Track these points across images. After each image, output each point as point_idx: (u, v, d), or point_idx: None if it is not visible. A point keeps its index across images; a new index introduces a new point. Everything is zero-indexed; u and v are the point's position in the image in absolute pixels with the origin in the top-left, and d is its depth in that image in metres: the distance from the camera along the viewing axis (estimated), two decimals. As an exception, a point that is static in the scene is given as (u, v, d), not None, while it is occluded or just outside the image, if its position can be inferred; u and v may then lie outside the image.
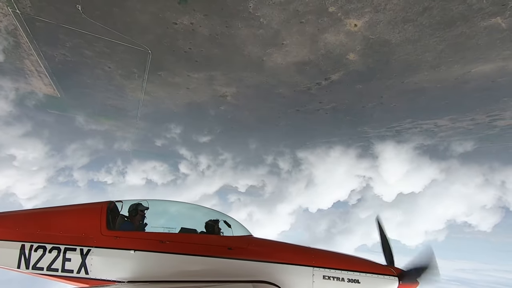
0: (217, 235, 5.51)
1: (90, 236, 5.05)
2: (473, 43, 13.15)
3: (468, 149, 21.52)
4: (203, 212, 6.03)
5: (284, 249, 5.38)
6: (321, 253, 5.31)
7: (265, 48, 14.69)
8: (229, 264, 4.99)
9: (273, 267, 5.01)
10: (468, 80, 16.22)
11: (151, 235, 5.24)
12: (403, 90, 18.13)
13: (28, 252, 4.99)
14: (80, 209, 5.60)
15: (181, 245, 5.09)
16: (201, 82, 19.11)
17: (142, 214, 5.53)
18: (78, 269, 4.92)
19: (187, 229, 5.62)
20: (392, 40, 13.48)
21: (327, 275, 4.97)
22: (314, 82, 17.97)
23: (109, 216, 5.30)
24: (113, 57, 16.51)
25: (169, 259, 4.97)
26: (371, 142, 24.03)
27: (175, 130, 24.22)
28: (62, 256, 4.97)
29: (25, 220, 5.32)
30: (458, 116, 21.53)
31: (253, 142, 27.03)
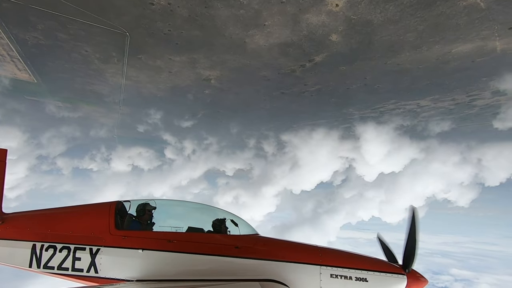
0: (224, 234, 5.59)
1: (99, 235, 5.17)
2: (453, 23, 13.21)
3: (445, 128, 22.12)
4: (210, 211, 6.12)
5: (291, 248, 5.43)
6: (329, 252, 5.36)
7: (247, 29, 14.36)
8: (236, 263, 5.06)
9: (280, 266, 5.06)
10: (448, 60, 16.42)
11: (159, 235, 5.33)
12: (386, 71, 18.23)
13: (39, 252, 5.11)
14: (89, 209, 5.70)
15: (189, 244, 5.17)
16: (184, 66, 18.68)
17: (149, 214, 5.64)
18: (88, 268, 5.04)
19: (194, 228, 5.71)
20: (374, 21, 13.39)
21: (335, 274, 5.00)
22: (298, 64, 17.82)
23: (117, 216, 5.41)
24: (90, 40, 15.85)
25: (177, 258, 5.04)
26: (355, 123, 24.37)
27: (155, 115, 23.84)
28: (72, 256, 5.09)
29: (36, 221, 5.42)
30: (440, 97, 21.93)
31: (238, 126, 26.97)
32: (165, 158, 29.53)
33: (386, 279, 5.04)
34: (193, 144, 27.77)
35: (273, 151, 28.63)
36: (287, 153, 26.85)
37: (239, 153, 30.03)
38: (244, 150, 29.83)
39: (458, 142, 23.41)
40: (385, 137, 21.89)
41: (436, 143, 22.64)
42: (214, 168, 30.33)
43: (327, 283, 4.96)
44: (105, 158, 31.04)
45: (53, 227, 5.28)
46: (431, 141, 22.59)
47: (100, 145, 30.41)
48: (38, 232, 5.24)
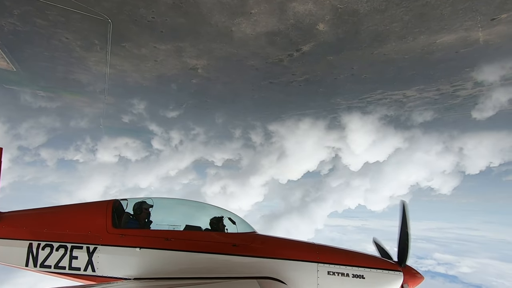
0: (221, 232, 5.61)
1: (96, 234, 5.14)
2: (437, 13, 13.32)
3: (427, 118, 22.62)
4: (207, 209, 6.13)
5: (288, 246, 5.47)
6: (326, 249, 5.40)
7: (233, 17, 14.10)
8: (234, 261, 5.07)
9: (278, 264, 5.08)
10: (433, 51, 16.63)
11: (156, 233, 5.31)
12: (372, 61, 18.34)
13: (35, 251, 5.07)
14: (86, 208, 5.69)
15: (186, 242, 5.16)
16: (170, 54, 18.28)
17: (147, 212, 5.62)
18: (85, 267, 5.03)
19: (192, 226, 5.71)
20: (360, 10, 13.35)
21: (332, 271, 5.04)
22: (286, 53, 17.71)
23: (114, 214, 5.39)
24: (70, 27, 15.25)
25: (175, 256, 5.03)
26: (342, 113, 24.62)
27: (140, 105, 23.41)
28: (69, 254, 5.06)
29: (32, 219, 5.38)
30: (425, 87, 22.30)
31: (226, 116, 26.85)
32: (153, 149, 29.27)
33: (383, 275, 5.11)
34: (180, 135, 27.56)
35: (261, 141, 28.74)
36: (275, 143, 27.03)
37: (227, 143, 30.05)
38: (232, 140, 29.85)
39: (441, 131, 24.06)
40: (370, 127, 22.27)
41: (419, 132, 23.22)
42: (203, 158, 30.27)
43: (324, 280, 5.01)
44: (90, 149, 30.49)
45: (50, 226, 5.24)
46: (414, 130, 23.15)
47: (85, 135, 29.80)
48: (34, 231, 5.20)
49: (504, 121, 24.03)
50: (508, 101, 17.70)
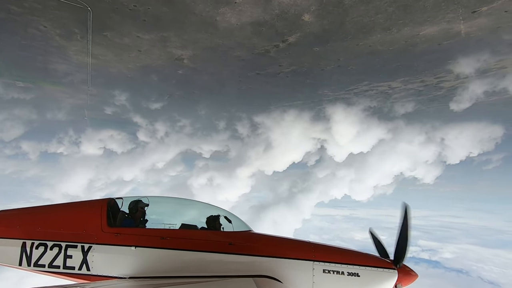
0: (217, 231, 5.57)
1: (90, 233, 5.10)
2: (420, 5, 13.43)
3: (410, 110, 23.07)
4: (204, 208, 6.10)
5: (284, 244, 5.50)
6: (321, 248, 5.44)
7: (217, 7, 13.84)
8: (230, 259, 5.07)
9: (273, 262, 5.09)
10: (417, 43, 16.82)
11: (152, 232, 5.31)
12: (358, 53, 18.43)
13: (29, 250, 5.01)
14: (80, 206, 5.65)
15: (182, 241, 5.14)
16: (154, 44, 17.86)
17: (142, 211, 5.58)
18: (80, 266, 4.98)
19: (188, 225, 5.69)
20: (345, 1, 13.32)
21: (327, 269, 5.07)
22: (272, 44, 17.57)
23: (110, 213, 5.34)
24: (47, 15, 14.66)
25: (170, 255, 5.00)
26: (327, 105, 24.82)
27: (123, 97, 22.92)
28: (63, 253, 5.00)
29: (25, 218, 5.30)
30: (410, 78, 22.63)
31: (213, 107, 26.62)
32: (139, 141, 28.83)
33: (378, 273, 5.17)
34: (165, 126, 27.22)
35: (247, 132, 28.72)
36: (261, 135, 27.08)
37: (214, 135, 29.90)
38: (219, 132, 29.70)
39: (423, 122, 24.64)
40: (354, 118, 22.56)
41: (402, 123, 23.70)
42: (190, 150, 30.12)
43: (320, 279, 5.05)
44: (73, 142, 29.76)
45: (43, 225, 5.18)
46: (398, 122, 23.60)
47: (68, 127, 29.02)
48: (27, 230, 5.13)
49: (482, 112, 24.77)
50: (484, 93, 18.19)
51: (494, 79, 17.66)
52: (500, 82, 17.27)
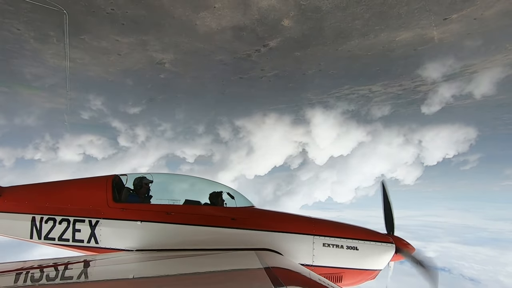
0: (220, 207, 5.75)
1: (97, 208, 5.29)
2: (395, 12, 13.87)
3: (388, 113, 23.72)
4: (207, 184, 6.28)
5: (285, 219, 5.65)
6: (321, 222, 5.60)
7: (197, 11, 13.83)
8: (232, 234, 5.22)
9: (275, 236, 5.23)
10: (394, 48, 17.33)
11: (157, 207, 5.49)
12: (338, 57, 18.80)
13: (39, 224, 5.24)
14: (86, 182, 5.85)
15: (186, 216, 5.29)
16: (133, 48, 17.62)
17: (146, 187, 5.74)
18: (88, 239, 5.20)
19: (192, 201, 5.84)
20: (323, 7, 13.59)
21: (327, 243, 5.22)
22: (253, 48, 17.69)
23: (115, 189, 5.52)
24: (20, 17, 14.22)
25: (175, 229, 5.17)
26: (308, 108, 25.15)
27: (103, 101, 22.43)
28: (72, 227, 5.23)
29: (34, 194, 5.53)
30: (389, 82, 23.24)
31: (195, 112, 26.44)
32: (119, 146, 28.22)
33: (376, 247, 5.36)
34: (146, 131, 26.80)
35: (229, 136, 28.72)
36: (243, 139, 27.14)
37: (197, 139, 29.71)
38: (202, 136, 29.53)
39: (401, 125, 25.38)
40: (334, 121, 22.96)
41: (381, 126, 24.32)
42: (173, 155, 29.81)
43: (320, 252, 5.20)
44: (50, 147, 28.73)
45: (52, 200, 5.38)
46: (376, 124, 24.19)
47: (44, 133, 28.04)
48: (36, 205, 5.34)
49: (456, 115, 25.74)
50: (452, 96, 18.97)
51: (462, 83, 18.46)
52: (467, 86, 18.09)
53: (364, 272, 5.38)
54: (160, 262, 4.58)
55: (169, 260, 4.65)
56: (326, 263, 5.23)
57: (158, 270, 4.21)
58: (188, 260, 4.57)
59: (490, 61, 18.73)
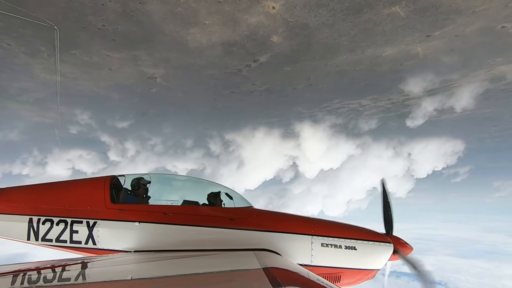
0: (218, 207, 5.74)
1: (95, 209, 5.25)
2: (380, 29, 14.32)
3: (378, 125, 24.08)
4: (205, 184, 6.30)
5: (283, 219, 5.68)
6: (320, 222, 5.62)
7: (187, 27, 14.09)
8: (231, 234, 5.21)
9: (273, 236, 5.23)
10: (381, 63, 17.80)
11: (155, 208, 5.47)
12: (327, 72, 19.19)
13: (36, 225, 5.18)
14: (84, 183, 5.86)
15: (184, 217, 5.29)
16: (125, 63, 17.75)
17: (144, 188, 5.73)
18: (86, 240, 5.17)
19: (190, 201, 5.85)
20: (310, 24, 13.98)
21: (325, 243, 5.24)
22: (244, 64, 17.97)
23: (113, 190, 5.48)
24: (10, 33, 14.30)
25: (173, 230, 5.16)
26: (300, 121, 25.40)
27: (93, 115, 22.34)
28: (69, 229, 5.19)
29: (31, 195, 5.50)
30: (378, 96, 23.72)
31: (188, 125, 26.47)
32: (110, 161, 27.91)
33: (374, 247, 5.39)
34: (136, 145, 26.63)
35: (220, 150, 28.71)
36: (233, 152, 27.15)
37: (188, 153, 29.62)
38: (193, 149, 29.46)
39: (390, 138, 25.72)
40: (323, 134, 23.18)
41: (370, 139, 24.61)
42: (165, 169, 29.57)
43: (318, 252, 5.20)
44: (39, 162, 28.21)
45: (49, 201, 5.34)
46: (365, 137, 24.47)
47: (32, 147, 27.60)
48: (33, 206, 5.29)
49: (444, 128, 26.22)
50: (435, 110, 19.46)
51: (444, 97, 18.99)
52: (449, 100, 18.64)
53: (362, 272, 5.40)
54: (159, 263, 4.56)
55: (167, 261, 4.64)
56: (324, 263, 5.24)
57: (156, 271, 4.17)
58: (187, 261, 4.56)
59: (474, 76, 19.34)
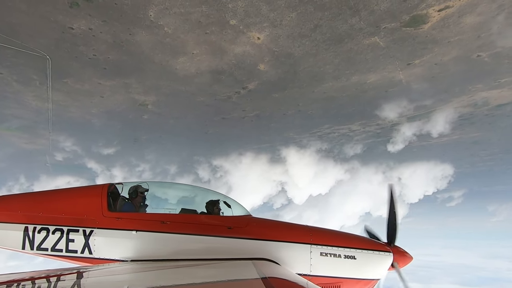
0: (217, 215, 5.66)
1: (91, 217, 5.18)
2: (362, 58, 14.93)
3: (358, 151, 24.26)
4: (203, 193, 6.24)
5: (282, 228, 5.57)
6: (319, 231, 5.53)
7: (176, 57, 14.58)
8: (229, 243, 5.13)
9: (272, 245, 5.15)
10: (366, 90, 18.33)
11: (152, 216, 5.40)
12: (315, 99, 19.66)
13: (31, 234, 5.12)
14: (81, 191, 5.80)
15: (182, 225, 5.22)
16: (116, 90, 18.11)
17: (142, 196, 5.66)
18: (82, 249, 5.08)
19: (188, 209, 5.78)
20: (295, 53, 14.55)
21: (324, 252, 5.14)
22: (233, 91, 18.40)
23: (110, 198, 5.42)
24: (3, 62, 14.66)
25: (171, 239, 5.09)
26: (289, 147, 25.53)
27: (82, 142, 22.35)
28: (65, 237, 5.11)
29: (27, 203, 5.42)
30: (367, 122, 24.14)
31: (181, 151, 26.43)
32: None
33: (373, 256, 5.29)
34: (123, 172, 26.37)
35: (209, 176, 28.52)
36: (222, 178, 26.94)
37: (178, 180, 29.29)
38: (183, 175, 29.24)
39: (379, 162, 25.76)
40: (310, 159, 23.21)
41: (358, 164, 24.63)
42: (154, 195, 29.13)
43: (317, 261, 5.14)
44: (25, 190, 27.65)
45: (45, 210, 5.28)
46: (354, 162, 24.51)
47: (19, 174, 27.19)
48: (29, 214, 5.24)
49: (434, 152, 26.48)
50: (414, 135, 19.80)
51: (428, 122, 19.43)
52: (425, 126, 19.08)
53: (362, 282, 5.33)
54: (156, 272, 4.47)
55: (165, 270, 4.57)
56: (323, 272, 5.17)
57: (153, 281, 4.05)
58: (184, 271, 4.52)
59: (457, 102, 19.91)
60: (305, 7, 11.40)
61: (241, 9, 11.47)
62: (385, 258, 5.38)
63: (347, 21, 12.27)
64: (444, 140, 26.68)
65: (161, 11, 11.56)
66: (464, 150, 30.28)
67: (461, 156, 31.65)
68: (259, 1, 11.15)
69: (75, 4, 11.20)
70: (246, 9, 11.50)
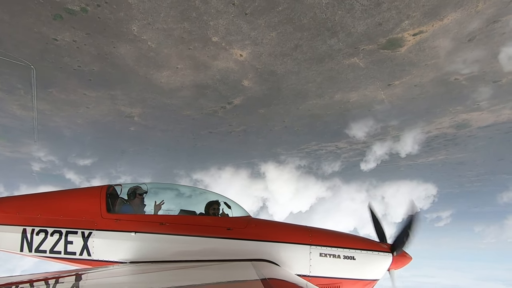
0: (216, 216, 5.67)
1: (90, 219, 5.17)
2: (343, 77, 15.26)
3: (336, 169, 24.34)
4: (202, 194, 6.28)
5: (282, 229, 5.57)
6: (318, 232, 5.51)
7: (160, 70, 14.77)
8: (228, 244, 5.14)
9: (271, 246, 5.15)
10: (349, 108, 18.63)
11: (151, 217, 5.41)
12: (300, 115, 19.90)
13: (30, 236, 5.10)
14: (79, 193, 5.80)
15: (181, 227, 5.22)
16: (102, 101, 18.16)
17: (141, 197, 5.67)
18: (81, 251, 5.06)
19: (187, 211, 5.80)
20: (278, 71, 14.84)
21: (324, 253, 5.15)
22: (219, 105, 18.57)
23: (109, 199, 5.41)
24: (-14, 70, 14.72)
25: (170, 240, 5.09)
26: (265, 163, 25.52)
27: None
28: (64, 239, 5.09)
29: (25, 205, 5.39)
30: (352, 139, 24.35)
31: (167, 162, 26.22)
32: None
33: (373, 257, 5.29)
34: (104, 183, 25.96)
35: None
36: None
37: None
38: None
39: (362, 180, 25.79)
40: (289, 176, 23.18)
41: (340, 182, 24.62)
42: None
43: (317, 262, 5.14)
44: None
45: (43, 212, 5.26)
46: (335, 180, 24.51)
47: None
48: (27, 216, 5.22)
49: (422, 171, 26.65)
50: (386, 153, 19.98)
51: (391, 143, 19.71)
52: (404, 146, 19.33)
53: (361, 282, 5.33)
54: (155, 274, 4.45)
55: (164, 272, 4.53)
56: (323, 273, 5.18)
57: (152, 283, 4.04)
58: (184, 272, 4.49)
59: (439, 123, 20.29)
60: (285, 27, 11.74)
61: (223, 27, 11.76)
62: (385, 258, 5.40)
63: (326, 42, 12.63)
64: (430, 160, 26.95)
65: (144, 26, 11.80)
66: (452, 171, 30.54)
67: (449, 176, 31.89)
68: (239, 20, 11.47)
69: (59, 17, 11.40)
70: (227, 27, 11.80)
